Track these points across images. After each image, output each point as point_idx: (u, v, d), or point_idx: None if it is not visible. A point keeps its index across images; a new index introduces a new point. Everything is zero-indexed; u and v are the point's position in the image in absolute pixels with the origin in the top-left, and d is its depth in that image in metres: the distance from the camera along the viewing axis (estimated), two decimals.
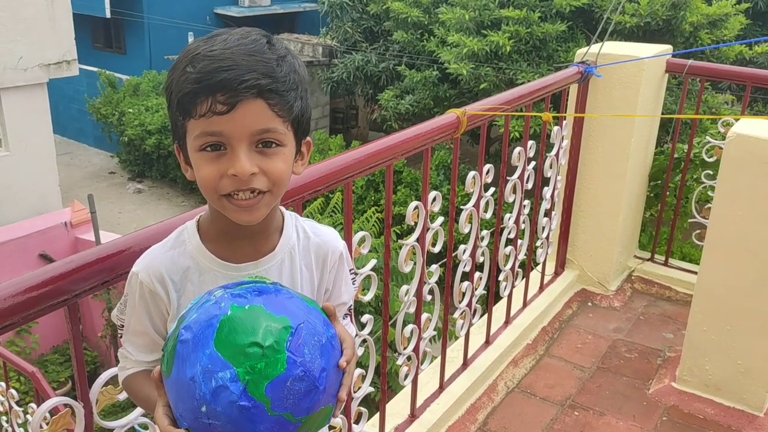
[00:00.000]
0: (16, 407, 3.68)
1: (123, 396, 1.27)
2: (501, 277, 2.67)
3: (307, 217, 1.17)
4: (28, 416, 3.64)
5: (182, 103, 0.95)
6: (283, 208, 1.13)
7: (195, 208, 1.25)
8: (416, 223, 2.01)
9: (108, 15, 14.92)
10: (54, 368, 7.09)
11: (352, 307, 1.21)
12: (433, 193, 2.04)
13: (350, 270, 1.20)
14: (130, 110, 13.04)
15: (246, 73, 0.93)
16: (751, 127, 2.34)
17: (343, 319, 1.22)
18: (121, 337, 1.13)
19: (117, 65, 15.39)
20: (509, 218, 2.61)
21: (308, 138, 1.07)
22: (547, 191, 2.89)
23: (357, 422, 2.01)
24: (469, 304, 2.44)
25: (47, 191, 8.23)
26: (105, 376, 1.28)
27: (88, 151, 15.10)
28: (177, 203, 12.73)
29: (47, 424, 1.29)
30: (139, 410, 1.32)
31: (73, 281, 1.15)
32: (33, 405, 3.51)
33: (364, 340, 1.90)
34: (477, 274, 2.46)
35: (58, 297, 1.13)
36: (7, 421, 3.76)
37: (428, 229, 2.06)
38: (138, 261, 1.08)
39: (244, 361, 0.87)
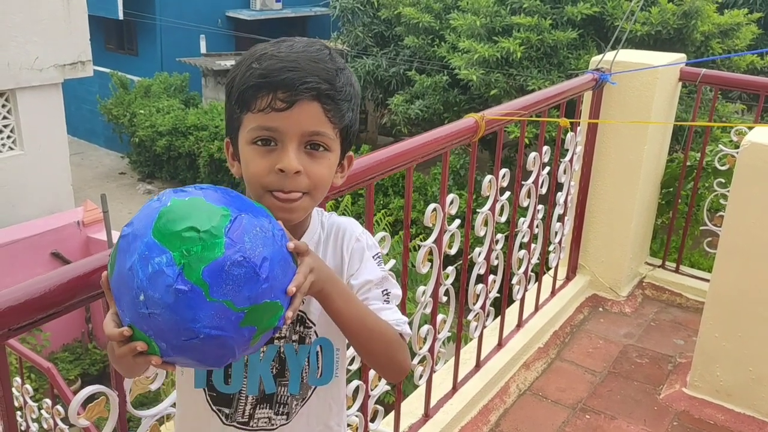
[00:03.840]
0: (31, 402, 3.73)
1: (155, 386, 1.31)
2: (514, 281, 2.70)
3: None
4: (43, 411, 3.69)
5: (244, 95, 1.01)
6: None
7: None
8: (434, 225, 2.04)
9: (121, 17, 15.06)
10: (64, 366, 7.14)
11: (389, 293, 1.14)
12: (450, 196, 2.07)
13: (374, 255, 1.17)
14: (141, 111, 13.13)
15: (308, 75, 0.99)
16: (765, 135, 2.36)
17: (383, 304, 1.14)
18: None
19: (129, 67, 15.51)
20: (523, 222, 2.64)
21: (350, 152, 1.13)
22: (560, 196, 2.92)
23: (373, 420, 2.04)
24: (482, 307, 2.47)
25: (60, 190, 8.29)
26: None
27: (99, 151, 15.21)
28: None
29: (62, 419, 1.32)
30: (168, 401, 1.36)
31: None
32: (47, 401, 3.56)
33: None
34: (491, 277, 2.49)
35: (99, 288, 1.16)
36: (21, 416, 3.81)
37: (445, 231, 2.09)
38: None
39: (180, 246, 0.85)
